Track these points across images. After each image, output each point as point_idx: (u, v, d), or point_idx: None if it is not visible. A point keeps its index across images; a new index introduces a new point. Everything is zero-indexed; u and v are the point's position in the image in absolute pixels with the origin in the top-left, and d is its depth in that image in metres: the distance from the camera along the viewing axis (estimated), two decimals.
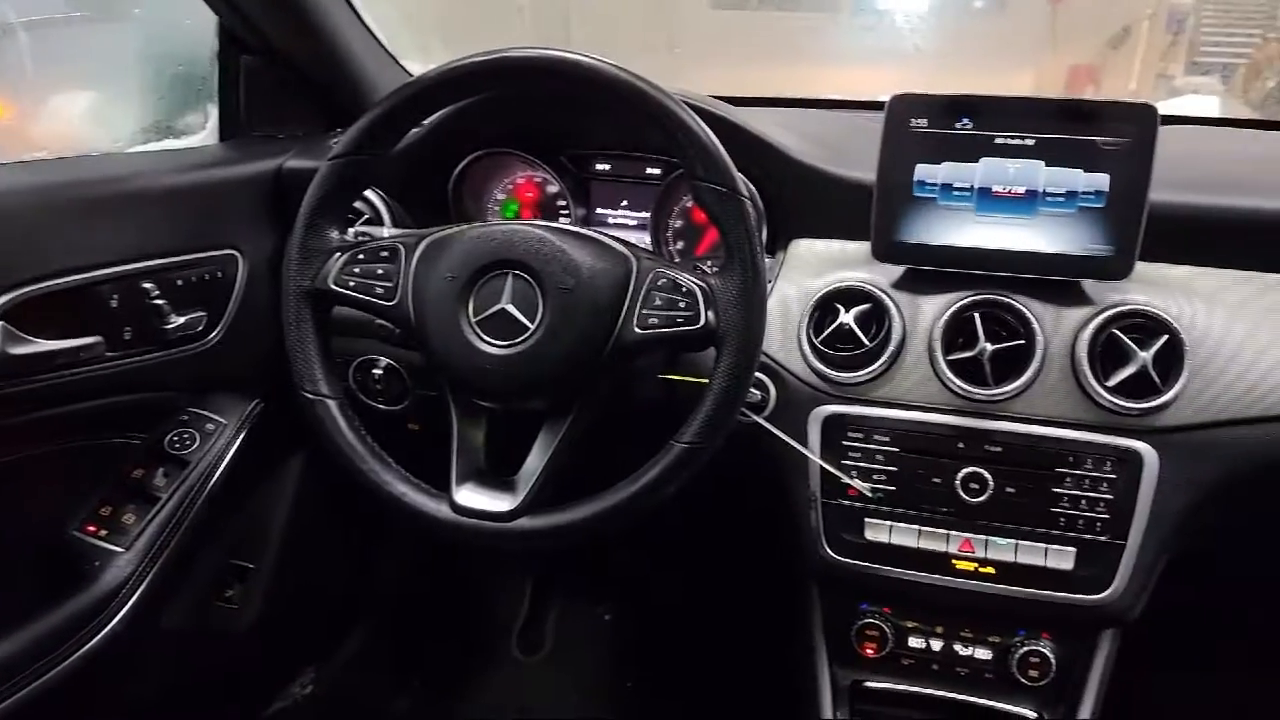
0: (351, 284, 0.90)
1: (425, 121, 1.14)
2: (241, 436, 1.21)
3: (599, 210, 1.24)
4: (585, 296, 0.84)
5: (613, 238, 0.89)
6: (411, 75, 1.24)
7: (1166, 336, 0.94)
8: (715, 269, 0.87)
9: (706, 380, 0.84)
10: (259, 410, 1.23)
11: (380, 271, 0.89)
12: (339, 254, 0.90)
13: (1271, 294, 0.99)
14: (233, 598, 1.39)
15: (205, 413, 1.20)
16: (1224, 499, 0.98)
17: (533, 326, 0.84)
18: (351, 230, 1.06)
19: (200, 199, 1.14)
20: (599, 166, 1.23)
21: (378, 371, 1.18)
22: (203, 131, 1.32)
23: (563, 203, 1.23)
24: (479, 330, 0.85)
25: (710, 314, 0.83)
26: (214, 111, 1.31)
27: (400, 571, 1.79)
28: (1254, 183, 1.07)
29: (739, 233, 0.83)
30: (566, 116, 1.19)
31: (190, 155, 1.24)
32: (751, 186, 1.07)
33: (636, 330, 0.84)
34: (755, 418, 1.01)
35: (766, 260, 1.07)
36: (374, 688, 1.70)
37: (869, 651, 1.09)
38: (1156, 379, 0.93)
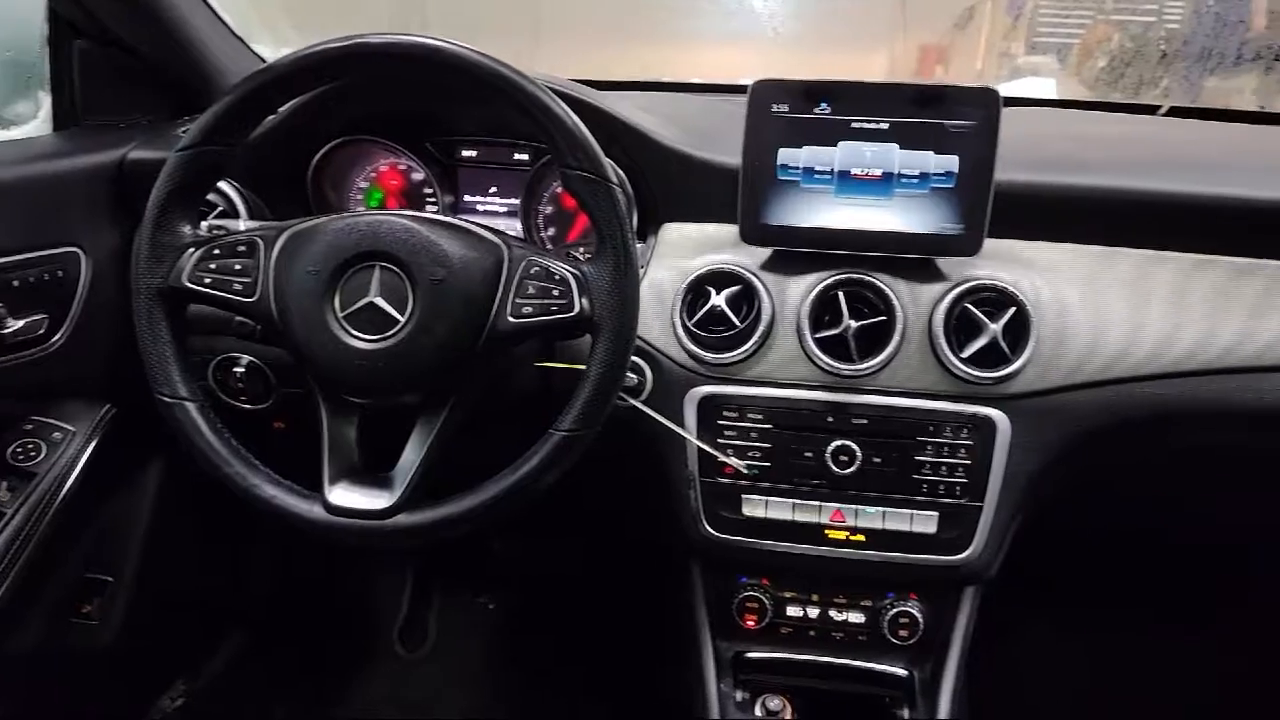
0: (207, 281, 0.86)
1: (280, 109, 1.09)
2: (93, 445, 1.14)
3: (467, 197, 1.22)
4: (456, 287, 0.83)
5: (483, 226, 0.88)
6: (264, 61, 1.19)
7: (1014, 309, 0.99)
8: (587, 255, 0.87)
9: (583, 367, 0.85)
10: (111, 416, 1.16)
11: (238, 267, 0.86)
12: (193, 249, 0.86)
13: (1107, 265, 1.06)
14: (90, 613, 1.32)
15: (51, 421, 1.12)
16: (1071, 459, 1.05)
17: (403, 319, 0.83)
18: (205, 224, 1.01)
19: (34, 193, 1.06)
20: (465, 153, 1.21)
21: (239, 370, 1.13)
22: (34, 121, 1.23)
23: (429, 190, 1.21)
24: (347, 325, 0.83)
25: (584, 301, 0.83)
26: (47, 100, 1.22)
27: (273, 574, 1.74)
28: (1090, 161, 1.14)
29: (609, 219, 0.83)
30: (430, 102, 1.16)
31: (21, 147, 1.16)
32: (620, 172, 1.07)
33: (510, 320, 0.84)
34: (633, 401, 1.03)
35: (638, 245, 1.08)
36: (250, 696, 1.64)
37: (750, 623, 1.12)
38: (1006, 349, 0.99)
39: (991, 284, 1.00)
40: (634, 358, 1.03)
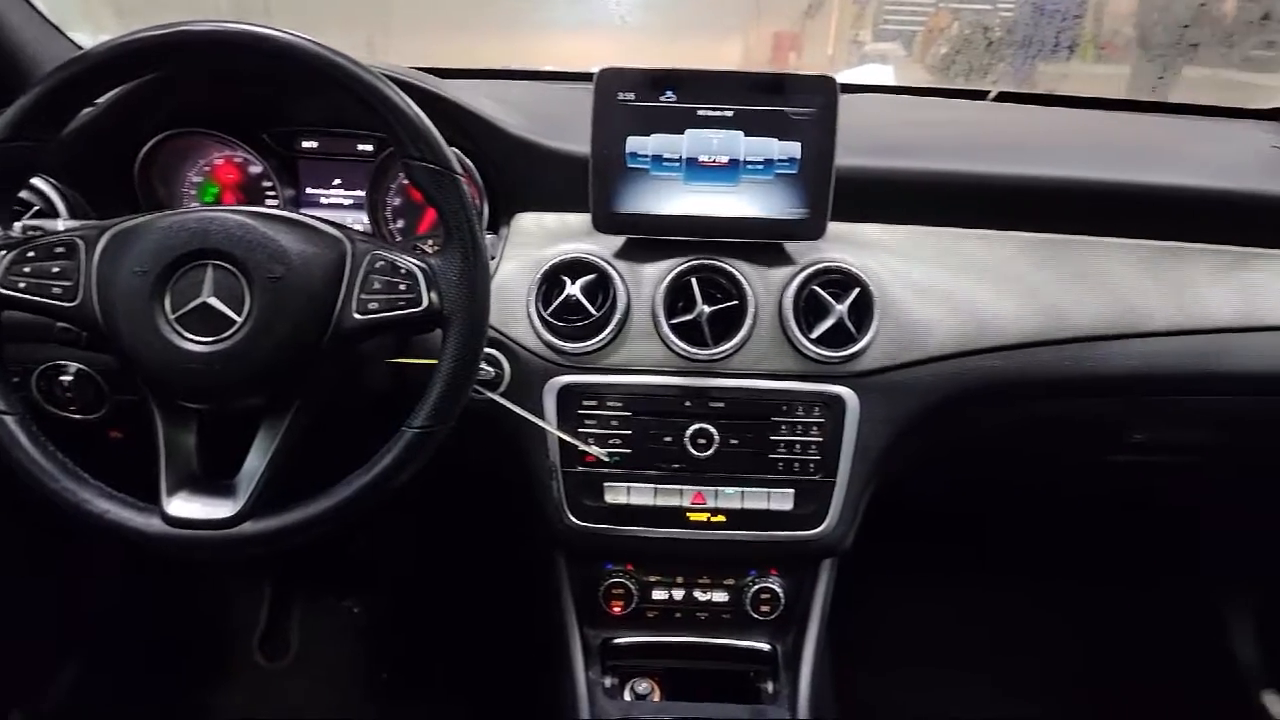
0: (22, 285, 0.80)
1: (99, 100, 1.03)
2: None
3: (310, 190, 1.18)
4: (297, 284, 0.80)
5: (324, 220, 0.85)
6: (80, 49, 1.11)
7: (859, 289, 1.03)
8: (436, 248, 0.85)
9: (435, 362, 0.83)
10: None
11: (56, 270, 0.80)
12: (4, 252, 0.80)
13: (945, 245, 1.11)
14: None
15: None
16: (917, 432, 1.10)
17: (240, 320, 0.79)
18: (19, 225, 0.94)
19: None
20: (306, 144, 1.16)
21: (66, 379, 1.06)
22: None
23: (268, 184, 1.16)
24: (179, 327, 0.79)
25: (433, 295, 0.82)
26: None
27: (115, 591, 1.64)
28: (924, 145, 1.19)
29: (456, 210, 0.82)
30: (266, 91, 1.11)
31: None
32: (468, 161, 1.06)
33: (356, 316, 0.82)
34: (490, 395, 1.01)
35: (489, 236, 1.07)
36: (99, 718, 1.55)
37: (616, 609, 1.13)
38: (852, 328, 1.03)
39: (836, 266, 1.03)
40: (490, 350, 1.02)
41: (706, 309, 1.01)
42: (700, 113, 0.99)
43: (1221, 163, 1.26)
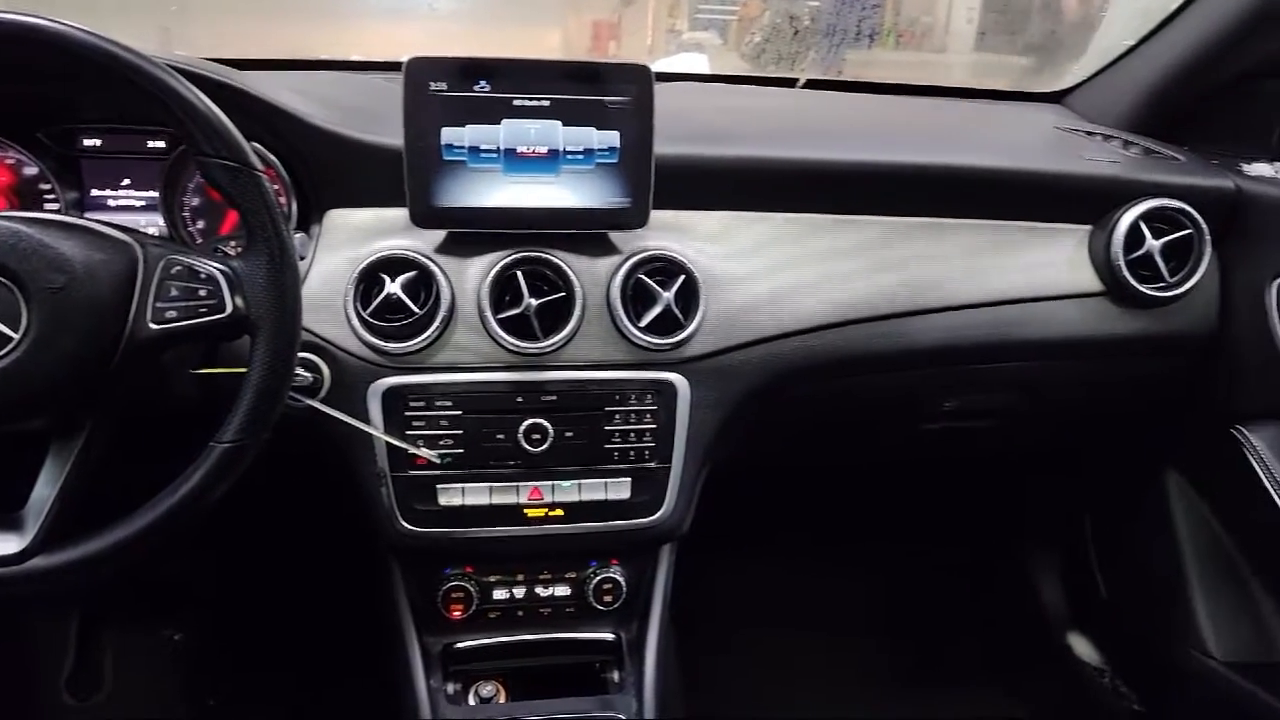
0: None
1: None
2: None
3: (95, 192, 1.08)
4: (81, 295, 0.73)
5: (110, 224, 0.79)
6: None
7: (684, 276, 1.04)
8: (240, 250, 0.80)
9: (246, 371, 0.78)
10: None
11: None
12: None
13: (763, 230, 1.14)
14: None
15: None
16: (746, 413, 1.12)
17: (17, 336, 0.72)
18: None
19: None
20: (88, 142, 1.06)
21: None
22: None
23: (46, 186, 1.05)
24: None
25: (238, 300, 0.77)
26: None
27: None
28: (741, 132, 1.22)
29: (258, 209, 0.77)
30: (40, 86, 1.01)
31: None
32: (270, 156, 1.00)
33: (152, 327, 0.76)
34: (309, 401, 0.96)
35: (299, 235, 1.01)
36: None
37: (456, 613, 1.11)
38: (679, 315, 1.04)
39: (661, 254, 1.04)
40: (306, 355, 0.97)
41: (534, 302, 1.00)
42: (516, 102, 0.97)
43: (1011, 143, 1.35)
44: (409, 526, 1.03)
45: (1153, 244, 1.19)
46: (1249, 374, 1.24)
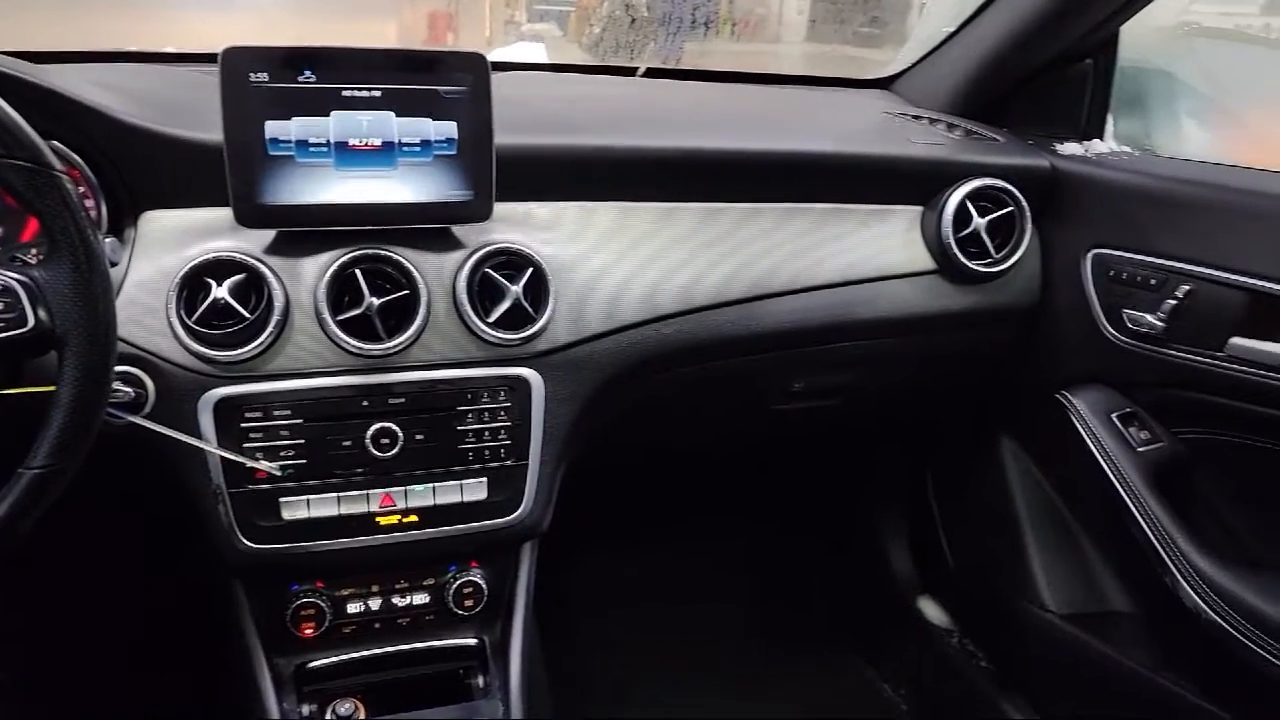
0: None
1: None
2: None
3: None
4: None
5: None
6: None
7: (532, 269, 1.02)
8: (41, 258, 0.73)
9: (54, 389, 0.71)
10: None
11: None
12: None
13: (610, 220, 1.13)
14: None
15: None
16: (603, 405, 1.12)
17: None
18: None
19: None
20: None
21: None
22: None
23: None
24: None
25: (41, 312, 0.70)
26: None
27: None
28: (581, 122, 1.21)
29: (60, 214, 0.70)
30: None
31: None
32: (74, 156, 0.92)
33: None
34: (131, 418, 0.89)
35: (109, 240, 0.94)
36: None
37: (308, 632, 1.05)
38: (529, 309, 1.02)
39: (507, 247, 1.02)
40: (126, 368, 0.90)
41: (375, 301, 0.96)
42: (345, 93, 0.92)
43: (843, 129, 1.40)
44: (251, 544, 0.97)
45: (979, 222, 1.25)
46: (1070, 342, 1.32)
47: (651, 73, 1.56)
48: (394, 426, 0.99)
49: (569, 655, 1.62)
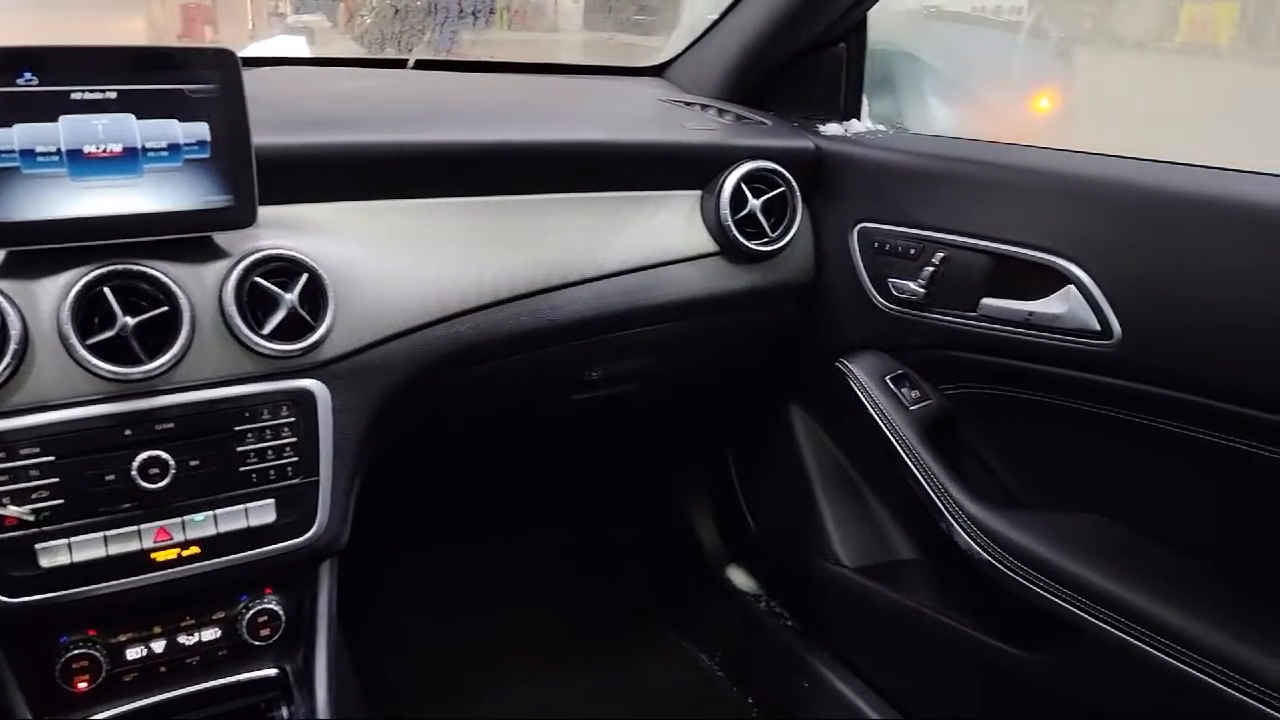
0: None
1: None
2: None
3: None
4: None
5: None
6: None
7: (307, 275, 0.97)
8: None
9: None
10: None
11: None
12: None
13: (387, 219, 1.09)
14: None
15: None
16: (396, 411, 1.08)
17: None
18: None
19: None
20: None
21: None
22: None
23: None
24: None
25: None
26: None
27: None
28: (349, 118, 1.16)
29: None
30: None
31: None
32: None
33: None
34: None
35: None
36: None
37: (82, 686, 0.95)
38: (307, 317, 0.97)
39: (277, 254, 0.96)
40: None
41: (130, 321, 0.88)
42: (75, 96, 0.84)
43: (618, 117, 1.41)
44: (5, 599, 0.87)
45: (754, 203, 1.30)
46: (844, 312, 1.40)
47: (422, 64, 1.52)
48: (164, 454, 0.91)
49: (383, 665, 1.58)
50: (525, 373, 1.27)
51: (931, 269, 1.26)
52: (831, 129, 1.45)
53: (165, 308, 0.90)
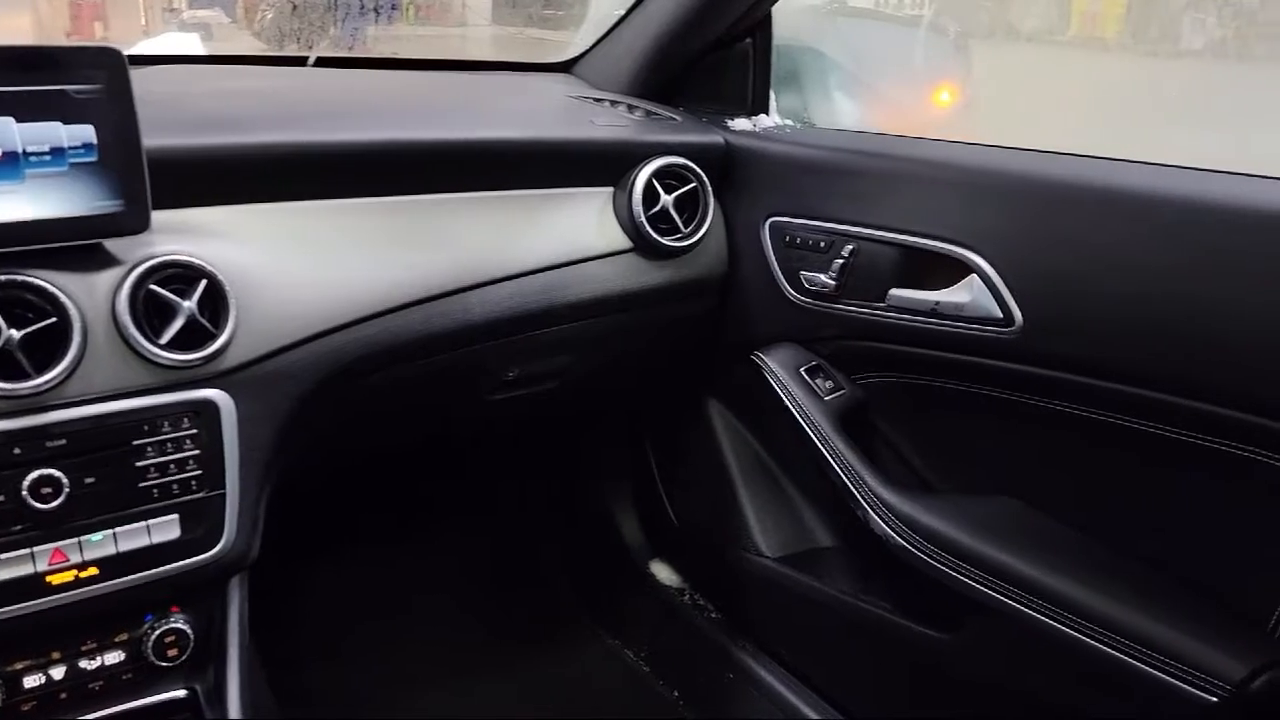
0: None
1: None
2: None
3: None
4: None
5: None
6: None
7: (206, 281, 0.93)
8: None
9: None
10: None
11: None
12: None
13: (290, 222, 1.06)
14: None
15: None
16: (306, 417, 1.05)
17: None
18: None
19: None
20: None
21: None
22: None
23: None
24: None
25: None
26: None
27: None
28: (245, 118, 1.12)
29: None
30: None
31: None
32: None
33: None
34: None
35: None
36: None
37: None
38: (208, 325, 0.93)
39: (173, 260, 0.92)
40: None
41: (15, 334, 0.83)
42: None
43: (526, 114, 1.40)
44: None
45: (666, 199, 1.31)
46: (758, 305, 1.42)
47: (323, 62, 1.48)
48: (56, 473, 0.87)
49: (305, 676, 1.54)
50: (440, 374, 1.25)
51: (841, 261, 1.28)
52: (740, 124, 1.46)
53: (54, 319, 0.86)
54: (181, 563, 0.95)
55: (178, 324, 0.92)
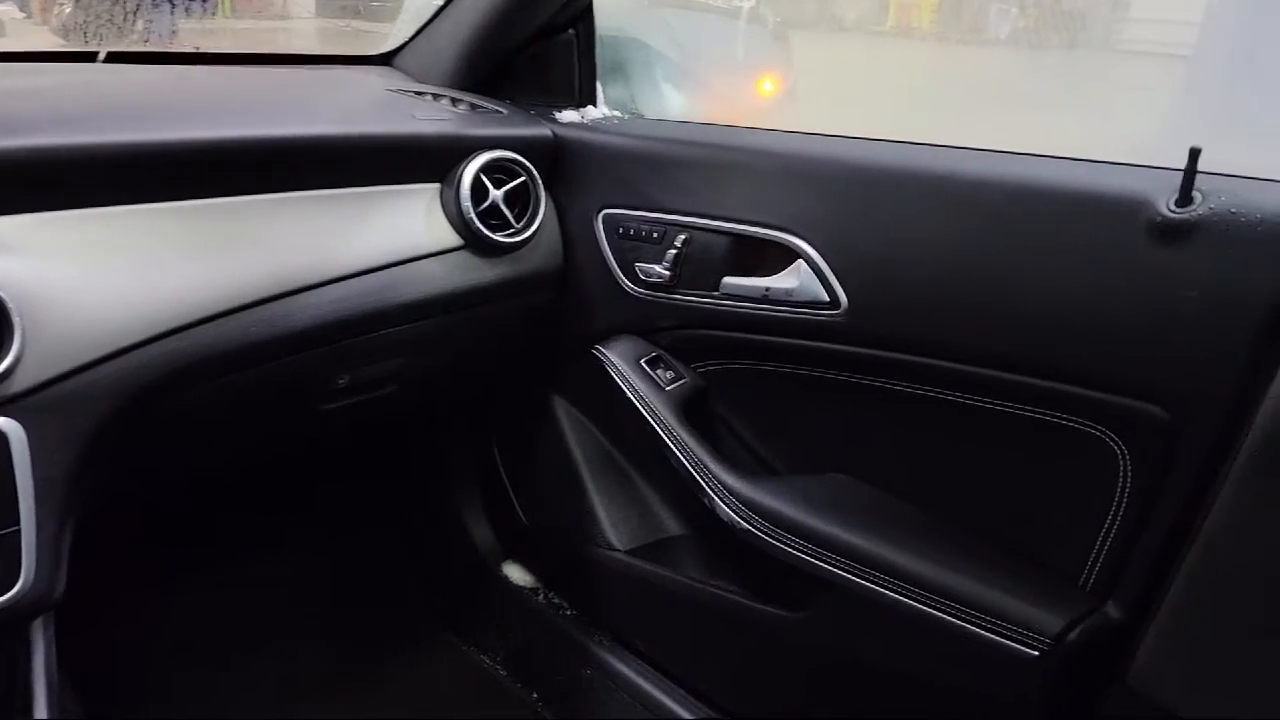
0: None
1: None
2: None
3: None
4: None
5: None
6: None
7: None
8: None
9: None
10: None
11: None
12: None
13: (85, 231, 0.98)
14: None
15: None
16: (111, 441, 0.97)
17: None
18: None
19: None
20: None
21: None
22: None
23: None
24: None
25: None
26: None
27: None
28: (29, 118, 1.02)
29: None
30: None
31: None
32: None
33: None
34: None
35: None
36: None
37: None
38: None
39: None
40: None
41: None
42: None
43: (342, 109, 1.34)
44: None
45: (496, 194, 1.28)
46: (596, 299, 1.41)
47: (115, 57, 1.37)
48: None
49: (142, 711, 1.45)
50: (264, 387, 1.18)
51: (675, 251, 1.29)
52: (568, 116, 1.45)
53: None
54: None
55: None
